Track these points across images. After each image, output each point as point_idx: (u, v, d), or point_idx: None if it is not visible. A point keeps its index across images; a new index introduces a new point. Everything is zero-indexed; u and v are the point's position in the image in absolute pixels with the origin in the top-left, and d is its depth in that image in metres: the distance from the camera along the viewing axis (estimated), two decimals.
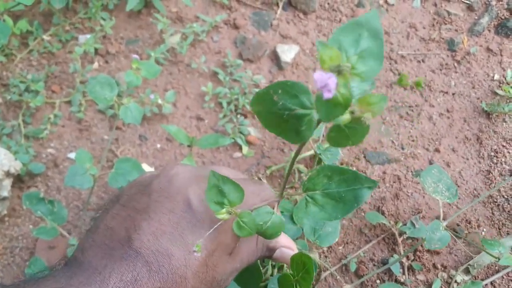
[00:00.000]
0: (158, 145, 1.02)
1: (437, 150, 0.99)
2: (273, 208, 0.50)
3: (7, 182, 0.91)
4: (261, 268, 0.68)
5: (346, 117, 0.34)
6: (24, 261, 0.91)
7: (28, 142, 1.01)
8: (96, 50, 1.12)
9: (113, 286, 0.41)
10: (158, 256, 0.44)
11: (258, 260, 0.58)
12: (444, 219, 0.77)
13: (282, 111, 0.38)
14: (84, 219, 0.92)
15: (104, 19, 1.15)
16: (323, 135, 0.92)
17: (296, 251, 0.58)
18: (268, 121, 0.39)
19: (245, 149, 0.99)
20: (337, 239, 0.77)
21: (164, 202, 0.48)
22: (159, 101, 1.02)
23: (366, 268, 0.87)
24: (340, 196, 0.46)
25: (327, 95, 0.29)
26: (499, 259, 0.70)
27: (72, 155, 1.00)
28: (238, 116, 1.03)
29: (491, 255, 0.71)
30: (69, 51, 1.12)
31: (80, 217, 0.93)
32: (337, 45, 0.33)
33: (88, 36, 1.13)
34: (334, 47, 0.32)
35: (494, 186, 0.94)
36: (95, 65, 1.10)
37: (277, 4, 1.18)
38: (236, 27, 1.15)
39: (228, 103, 1.04)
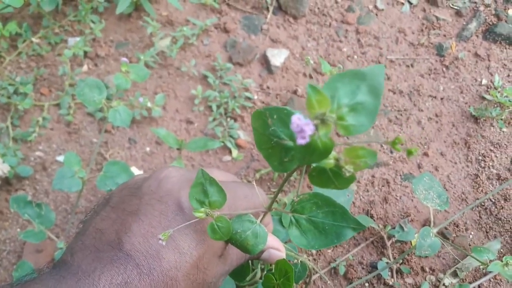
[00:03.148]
0: (148, 148, 1.02)
1: (425, 154, 0.99)
2: (258, 218, 0.50)
3: None
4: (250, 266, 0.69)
5: (330, 161, 0.33)
6: (12, 265, 0.90)
7: (16, 145, 1.00)
8: (85, 53, 1.11)
9: None
10: (148, 259, 0.44)
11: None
12: (433, 224, 0.77)
13: (272, 137, 0.37)
14: (73, 222, 0.92)
15: (93, 22, 1.15)
16: None
17: (284, 252, 0.58)
18: (258, 141, 0.39)
19: (234, 152, 0.99)
20: None
21: (155, 205, 0.48)
22: (149, 104, 1.02)
23: (355, 271, 0.87)
24: (324, 228, 0.46)
25: (300, 141, 0.28)
26: (487, 265, 0.70)
27: (60, 158, 1.00)
28: (228, 119, 1.03)
29: (480, 262, 0.71)
30: (58, 54, 1.12)
31: (68, 220, 0.92)
32: (332, 91, 0.31)
33: (78, 38, 1.12)
34: (328, 92, 0.31)
35: (482, 190, 0.95)
36: (85, 68, 1.10)
37: (267, 9, 1.18)
38: (226, 31, 1.15)
39: (218, 107, 1.04)
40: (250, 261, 0.72)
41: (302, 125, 0.27)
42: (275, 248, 0.57)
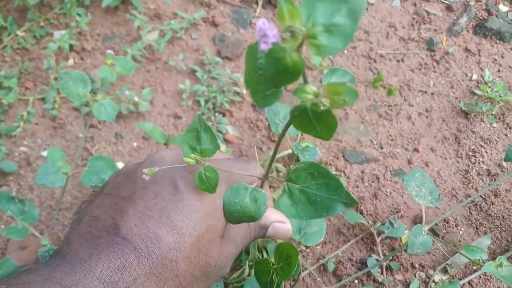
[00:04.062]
0: (135, 144, 1.00)
1: (416, 150, 0.98)
2: (254, 184, 0.49)
3: None
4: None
5: (308, 96, 0.32)
6: None
7: (0, 140, 0.98)
8: (71, 46, 1.09)
9: (100, 274, 0.40)
10: (146, 241, 0.43)
11: None
12: (424, 221, 0.76)
13: (258, 70, 0.37)
14: (57, 218, 0.90)
15: (79, 15, 1.12)
16: (301, 134, 0.91)
17: (289, 224, 0.56)
18: (247, 76, 0.39)
19: (223, 147, 0.98)
20: (322, 239, 0.76)
21: (149, 187, 0.47)
22: (136, 99, 1.00)
23: (345, 268, 0.86)
24: (315, 200, 0.45)
25: (263, 46, 0.27)
26: (481, 266, 0.69)
27: (45, 153, 0.98)
28: (216, 114, 1.02)
29: (472, 261, 0.70)
30: (43, 47, 1.10)
31: (53, 216, 0.91)
32: (309, 10, 0.30)
33: (63, 32, 1.10)
34: (305, 10, 0.30)
35: (472, 186, 0.94)
36: (70, 61, 1.08)
37: (257, 2, 1.17)
38: (215, 24, 1.14)
39: (206, 101, 1.03)
40: (240, 260, 0.70)
41: (266, 29, 0.27)
42: (279, 221, 0.55)
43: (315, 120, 0.33)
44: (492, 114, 1.00)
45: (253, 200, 0.47)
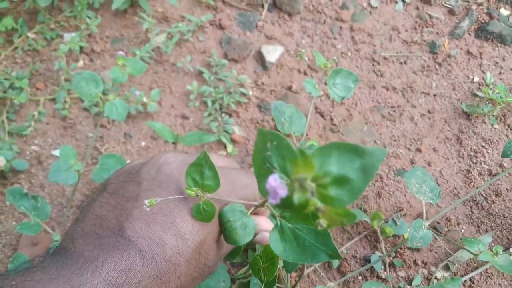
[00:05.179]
0: (143, 143, 1.02)
1: (418, 150, 1.00)
2: (249, 210, 0.51)
3: None
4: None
5: (309, 208, 0.31)
6: (8, 257, 0.90)
7: (12, 139, 1.01)
8: (81, 48, 1.12)
9: (106, 275, 0.41)
10: (151, 244, 0.44)
11: None
12: (424, 216, 0.78)
13: (265, 160, 0.36)
14: (68, 215, 0.92)
15: (89, 18, 1.15)
16: (306, 134, 0.94)
17: None
18: (255, 157, 0.38)
19: (229, 147, 1.00)
20: None
21: (155, 191, 0.48)
22: (144, 99, 1.02)
23: (349, 264, 0.88)
24: (304, 244, 0.46)
25: (271, 201, 0.28)
26: (477, 255, 0.71)
27: (56, 152, 1.00)
28: (223, 115, 1.04)
29: (470, 252, 0.72)
30: (54, 49, 1.12)
31: (64, 213, 0.93)
32: (325, 157, 0.30)
33: (73, 34, 1.13)
34: (321, 156, 0.30)
35: (474, 185, 0.96)
36: (80, 63, 1.10)
37: (262, 5, 1.19)
38: (221, 27, 1.16)
39: (213, 102, 1.05)
40: (241, 263, 0.72)
41: (276, 187, 0.28)
42: (267, 230, 0.57)
43: (312, 219, 0.33)
44: (493, 115, 1.02)
45: (243, 226, 0.49)
